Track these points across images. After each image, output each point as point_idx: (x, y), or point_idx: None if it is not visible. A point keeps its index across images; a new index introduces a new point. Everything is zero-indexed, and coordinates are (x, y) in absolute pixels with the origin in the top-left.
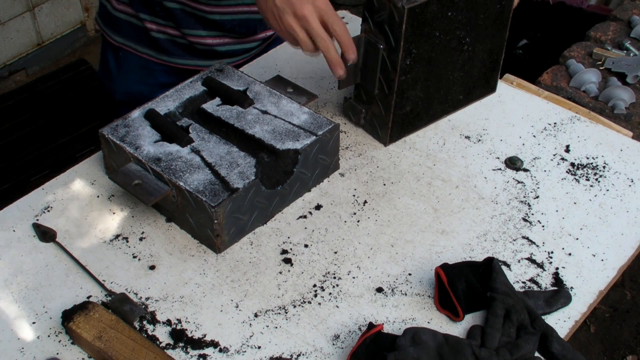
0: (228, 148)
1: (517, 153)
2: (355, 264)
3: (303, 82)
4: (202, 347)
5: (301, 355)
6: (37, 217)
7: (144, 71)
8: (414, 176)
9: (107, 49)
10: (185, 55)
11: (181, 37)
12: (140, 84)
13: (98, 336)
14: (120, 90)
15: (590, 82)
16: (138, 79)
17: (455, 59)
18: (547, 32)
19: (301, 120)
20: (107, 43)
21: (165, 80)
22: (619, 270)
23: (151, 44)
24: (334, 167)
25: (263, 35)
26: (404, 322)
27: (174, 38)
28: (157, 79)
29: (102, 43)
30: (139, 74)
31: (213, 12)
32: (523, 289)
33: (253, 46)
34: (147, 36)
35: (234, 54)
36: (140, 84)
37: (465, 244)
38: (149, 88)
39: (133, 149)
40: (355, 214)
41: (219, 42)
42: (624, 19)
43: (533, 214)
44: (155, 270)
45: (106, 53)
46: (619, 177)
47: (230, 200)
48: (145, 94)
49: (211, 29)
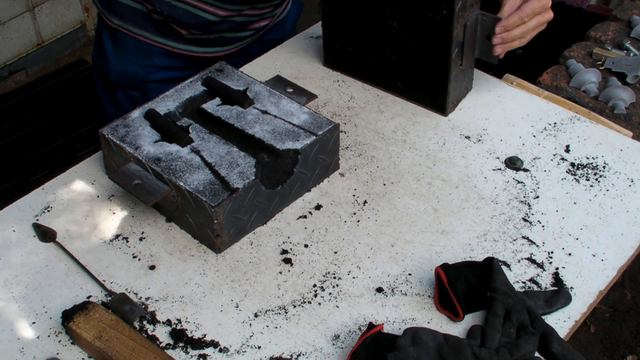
0: (228, 148)
1: (517, 153)
2: (355, 264)
3: (303, 82)
4: (202, 347)
5: (301, 355)
6: (37, 217)
7: (141, 52)
8: (414, 176)
9: (103, 31)
10: (180, 41)
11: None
12: (135, 65)
13: (98, 336)
14: (115, 71)
15: (590, 82)
16: (134, 60)
17: (385, 33)
18: (547, 32)
19: (301, 120)
20: (105, 25)
21: (161, 63)
22: (619, 270)
23: (148, 27)
24: (334, 167)
25: (257, 25)
26: (404, 322)
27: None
28: (153, 61)
29: (97, 24)
30: (135, 55)
31: None
32: (523, 289)
33: (246, 35)
34: (144, 18)
35: (228, 42)
36: (135, 65)
37: (465, 244)
38: (144, 69)
39: (133, 149)
40: (355, 214)
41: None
42: (624, 19)
43: (533, 214)
44: (155, 270)
45: (102, 34)
46: (619, 177)
47: (230, 200)
48: (140, 74)
49: None
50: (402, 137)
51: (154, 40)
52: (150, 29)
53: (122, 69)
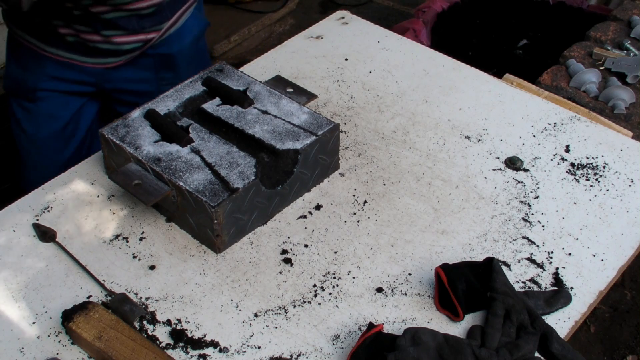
0: (228, 148)
1: (517, 153)
2: (355, 264)
3: (303, 82)
4: (202, 347)
5: (301, 355)
6: (37, 217)
7: (34, 60)
8: (414, 176)
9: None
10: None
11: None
12: (27, 72)
13: (98, 336)
14: (8, 76)
15: (590, 82)
16: (27, 67)
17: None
18: (547, 32)
19: (301, 120)
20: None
21: (53, 73)
22: (619, 270)
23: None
24: (334, 167)
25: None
26: (404, 322)
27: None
28: (46, 69)
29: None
30: (28, 62)
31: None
32: (523, 289)
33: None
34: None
35: (118, 53)
36: (27, 72)
37: (465, 244)
38: (34, 77)
39: (133, 149)
40: (355, 214)
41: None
42: (624, 19)
43: (533, 214)
44: (155, 270)
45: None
46: (619, 177)
47: (230, 200)
48: (29, 83)
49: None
50: (402, 137)
51: (46, 50)
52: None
53: (14, 74)
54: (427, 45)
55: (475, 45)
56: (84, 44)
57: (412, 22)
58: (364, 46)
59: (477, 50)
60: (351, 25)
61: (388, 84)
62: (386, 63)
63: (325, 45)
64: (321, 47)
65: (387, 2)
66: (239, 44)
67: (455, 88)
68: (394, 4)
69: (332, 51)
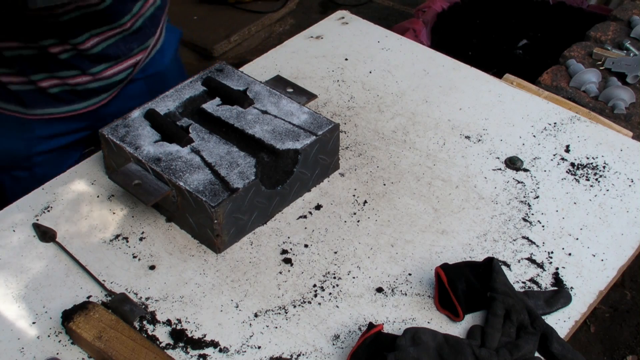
0: (228, 148)
1: (517, 153)
2: (355, 264)
3: (303, 82)
4: (202, 347)
5: (301, 355)
6: (37, 217)
7: (19, 126)
8: (414, 176)
9: None
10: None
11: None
12: (16, 141)
13: (98, 336)
14: None
15: (590, 82)
16: (14, 136)
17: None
18: (547, 32)
19: (301, 120)
20: None
21: (43, 133)
22: (619, 270)
23: (19, 101)
24: (334, 167)
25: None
26: (404, 322)
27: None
28: (35, 133)
29: None
30: (14, 130)
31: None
32: (523, 289)
33: (122, 77)
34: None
35: (106, 88)
36: (16, 140)
37: (465, 244)
38: (25, 143)
39: (133, 149)
40: (355, 214)
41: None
42: (624, 19)
43: (533, 214)
44: (155, 270)
45: None
46: (619, 177)
47: (230, 200)
48: (22, 150)
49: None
50: (402, 137)
51: (29, 113)
52: (22, 101)
53: (3, 147)
54: (427, 45)
55: (475, 45)
56: (71, 91)
57: (412, 22)
58: (364, 46)
59: (477, 50)
60: (351, 25)
61: (388, 84)
62: (386, 63)
63: (325, 45)
64: (321, 47)
65: (387, 2)
66: (239, 44)
67: (455, 88)
68: (394, 4)
69: (332, 51)
